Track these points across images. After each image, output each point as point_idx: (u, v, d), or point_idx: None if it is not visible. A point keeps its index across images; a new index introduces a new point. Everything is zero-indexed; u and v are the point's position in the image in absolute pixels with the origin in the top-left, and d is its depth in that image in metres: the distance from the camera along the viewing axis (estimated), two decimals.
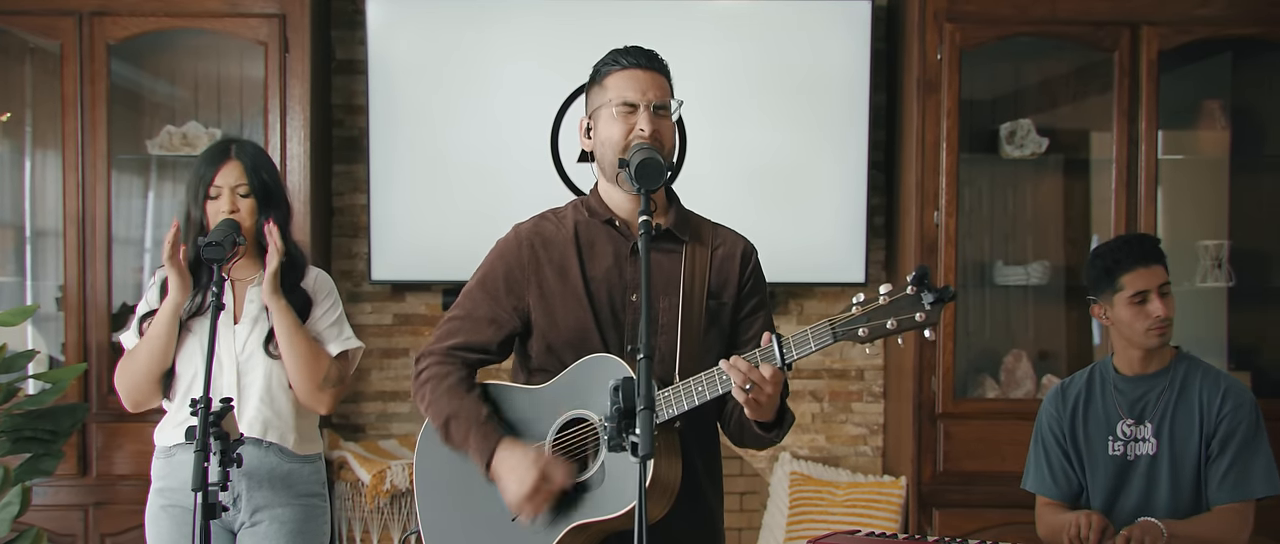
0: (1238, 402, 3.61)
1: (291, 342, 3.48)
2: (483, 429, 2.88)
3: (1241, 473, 3.56)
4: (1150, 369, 3.68)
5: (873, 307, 2.58)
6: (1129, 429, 3.68)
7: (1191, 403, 3.63)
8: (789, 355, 2.63)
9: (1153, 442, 3.65)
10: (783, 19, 5.41)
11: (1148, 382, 3.68)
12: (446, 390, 2.95)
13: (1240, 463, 3.57)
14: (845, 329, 2.59)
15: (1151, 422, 3.65)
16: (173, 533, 3.52)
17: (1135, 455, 3.67)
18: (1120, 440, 3.69)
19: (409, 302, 5.69)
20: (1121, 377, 3.72)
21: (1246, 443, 3.58)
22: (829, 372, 5.75)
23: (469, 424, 2.89)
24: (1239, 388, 3.65)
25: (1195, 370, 3.69)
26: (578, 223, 3.01)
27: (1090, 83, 5.52)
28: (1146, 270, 3.61)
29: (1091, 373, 3.81)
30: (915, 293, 2.54)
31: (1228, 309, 5.61)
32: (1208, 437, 3.60)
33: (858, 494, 5.31)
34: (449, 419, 2.92)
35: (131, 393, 3.55)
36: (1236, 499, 3.56)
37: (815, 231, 5.45)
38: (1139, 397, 3.68)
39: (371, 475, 5.08)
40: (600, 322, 2.92)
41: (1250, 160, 5.59)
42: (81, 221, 5.05)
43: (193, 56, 5.50)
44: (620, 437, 2.38)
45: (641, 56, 2.93)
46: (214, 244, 3.23)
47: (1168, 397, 3.65)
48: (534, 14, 5.38)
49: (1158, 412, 3.66)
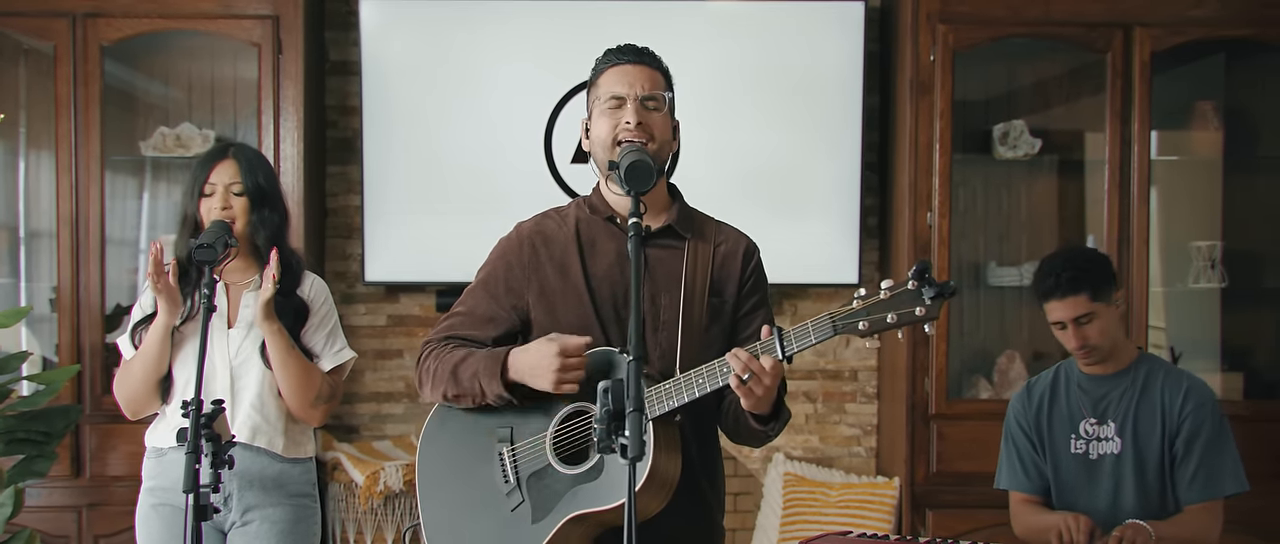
0: (1199, 401, 3.64)
1: (284, 364, 3.48)
2: (488, 352, 2.91)
3: (1210, 473, 3.61)
4: (1110, 370, 3.71)
5: (873, 300, 2.58)
6: (1092, 428, 3.72)
7: (1153, 402, 3.66)
8: (789, 348, 2.63)
9: (1116, 441, 3.68)
10: (776, 20, 5.41)
11: (1110, 381, 3.71)
12: (449, 350, 2.98)
13: (1208, 463, 3.61)
14: (846, 322, 2.60)
15: (1115, 421, 3.69)
16: (163, 533, 3.53)
17: (1098, 455, 3.70)
18: (1083, 439, 3.73)
19: (403, 303, 5.69)
20: (1084, 376, 3.75)
21: (1212, 443, 3.62)
22: (823, 372, 5.76)
23: (476, 359, 2.91)
24: (1200, 386, 3.69)
25: (1157, 370, 3.72)
26: (579, 220, 3.03)
27: (1083, 84, 5.52)
28: (1060, 303, 3.62)
29: (1057, 372, 3.85)
30: (916, 287, 2.54)
31: (1221, 310, 5.62)
32: (1171, 436, 3.63)
33: (851, 495, 5.32)
34: (456, 366, 2.93)
35: (130, 403, 3.56)
36: (1207, 498, 3.61)
37: (809, 232, 5.46)
38: (1102, 396, 3.72)
39: (365, 477, 5.08)
40: (602, 318, 2.94)
41: (1243, 161, 5.59)
42: (75, 223, 5.05)
43: (186, 58, 5.50)
44: (610, 439, 2.39)
45: (632, 52, 2.95)
46: (205, 246, 3.23)
47: (1130, 396, 3.69)
48: (528, 15, 5.38)
49: (1120, 411, 3.69)
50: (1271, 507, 5.04)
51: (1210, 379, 5.38)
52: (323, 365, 3.60)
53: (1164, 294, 5.50)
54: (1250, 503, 4.45)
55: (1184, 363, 5.39)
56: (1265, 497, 5.08)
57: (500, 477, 2.94)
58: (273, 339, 3.46)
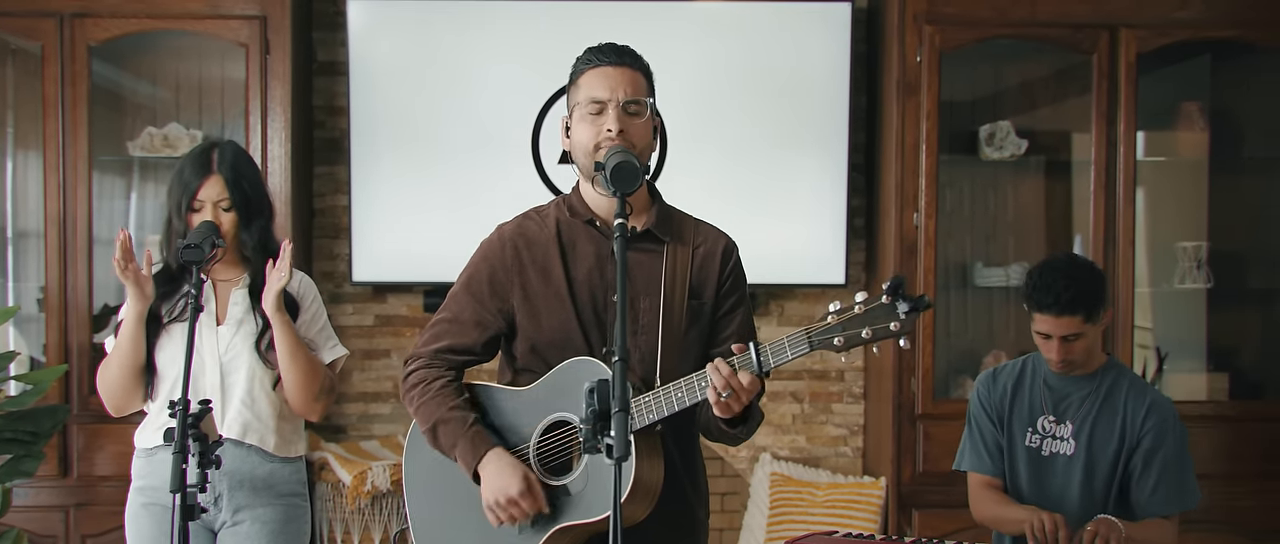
0: (1162, 416, 3.66)
1: (293, 356, 3.48)
2: (470, 436, 2.92)
3: (1175, 488, 3.64)
4: (1077, 372, 3.72)
5: (848, 315, 2.60)
6: (1048, 425, 3.73)
7: (1115, 410, 3.68)
8: (767, 365, 2.66)
9: (1071, 443, 3.70)
10: (763, 21, 5.42)
11: (1074, 383, 3.73)
12: (435, 393, 2.97)
13: (1171, 479, 3.64)
14: (821, 338, 2.62)
15: (1073, 422, 3.70)
16: (153, 531, 3.53)
17: (1051, 453, 3.72)
18: (1038, 434, 3.75)
19: (390, 303, 5.70)
20: (1051, 374, 3.76)
21: (1175, 458, 3.65)
22: (809, 373, 5.77)
23: (457, 431, 2.92)
24: (1163, 402, 3.71)
25: (1122, 380, 3.73)
26: (560, 222, 3.02)
27: (1069, 85, 5.54)
28: (1055, 319, 3.59)
29: (1024, 363, 3.85)
30: (890, 302, 2.56)
31: (1207, 310, 5.64)
32: (1129, 448, 3.66)
33: (838, 495, 5.33)
34: (438, 424, 2.95)
35: (111, 400, 3.56)
36: (1172, 512, 3.65)
37: (796, 233, 5.47)
38: (1064, 395, 3.73)
39: (352, 476, 5.09)
40: (583, 322, 2.94)
41: (1229, 162, 5.62)
42: (62, 223, 5.05)
43: (174, 58, 5.50)
44: (595, 439, 2.40)
45: (613, 53, 2.92)
46: (193, 246, 3.24)
47: (1092, 402, 3.70)
48: (515, 16, 5.38)
49: (1080, 414, 3.70)
50: (1257, 506, 5.08)
51: (1196, 379, 5.42)
52: (323, 359, 3.62)
53: (1150, 294, 5.52)
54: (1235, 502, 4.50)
55: (1170, 363, 5.42)
56: (1251, 496, 5.13)
57: None
58: (282, 330, 3.46)
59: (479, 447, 2.90)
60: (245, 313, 3.56)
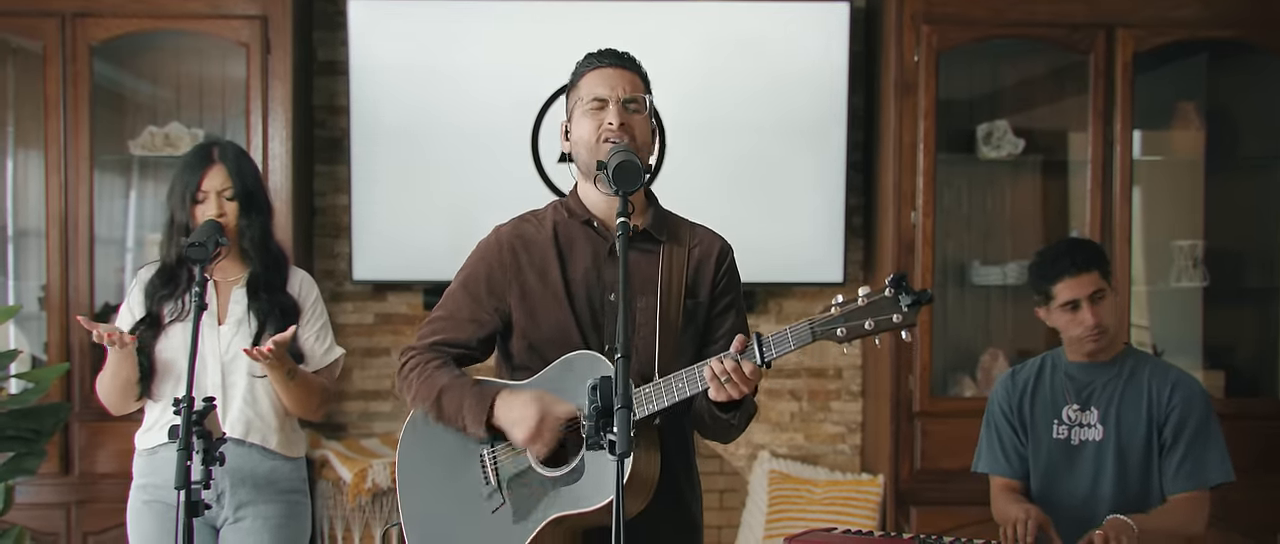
0: (1188, 392, 3.68)
1: (287, 390, 3.52)
2: (476, 391, 2.92)
3: (1197, 462, 3.63)
4: (1099, 360, 3.74)
5: (851, 307, 2.63)
6: (1074, 414, 3.75)
7: (1140, 391, 3.70)
8: (768, 354, 2.68)
9: (1099, 428, 3.71)
10: (761, 21, 5.44)
11: (1096, 370, 3.75)
12: (433, 370, 2.98)
13: (1195, 453, 3.63)
14: (824, 328, 2.64)
15: (1098, 408, 3.72)
16: (155, 528, 3.55)
17: (1080, 440, 3.73)
18: (1065, 425, 3.76)
19: (390, 301, 5.71)
20: (1071, 364, 3.78)
21: (1199, 432, 3.65)
22: (807, 370, 5.79)
23: (461, 392, 2.93)
24: (1188, 380, 3.73)
25: (1144, 363, 3.77)
26: (557, 223, 3.04)
27: (1066, 84, 5.56)
28: (1074, 280, 3.63)
29: (1043, 360, 3.88)
30: (893, 295, 2.59)
31: (1203, 309, 5.66)
32: (1158, 425, 3.66)
33: (836, 492, 5.35)
34: (441, 392, 2.94)
35: (110, 406, 3.62)
36: (1193, 488, 3.63)
37: (794, 232, 5.49)
38: (1087, 383, 3.75)
39: (353, 474, 5.10)
40: (580, 323, 2.96)
41: (1225, 161, 5.63)
42: (64, 222, 5.07)
43: (175, 57, 5.52)
44: (598, 435, 2.42)
45: (612, 56, 2.99)
46: (197, 245, 3.25)
47: (1116, 386, 3.72)
48: (514, 16, 5.40)
49: (1104, 399, 3.72)
50: (1253, 501, 5.09)
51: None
52: (315, 365, 3.63)
53: (1146, 293, 5.53)
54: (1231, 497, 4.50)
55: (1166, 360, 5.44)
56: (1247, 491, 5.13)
57: (481, 479, 2.96)
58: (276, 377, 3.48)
59: (486, 395, 2.90)
60: (246, 312, 3.58)
